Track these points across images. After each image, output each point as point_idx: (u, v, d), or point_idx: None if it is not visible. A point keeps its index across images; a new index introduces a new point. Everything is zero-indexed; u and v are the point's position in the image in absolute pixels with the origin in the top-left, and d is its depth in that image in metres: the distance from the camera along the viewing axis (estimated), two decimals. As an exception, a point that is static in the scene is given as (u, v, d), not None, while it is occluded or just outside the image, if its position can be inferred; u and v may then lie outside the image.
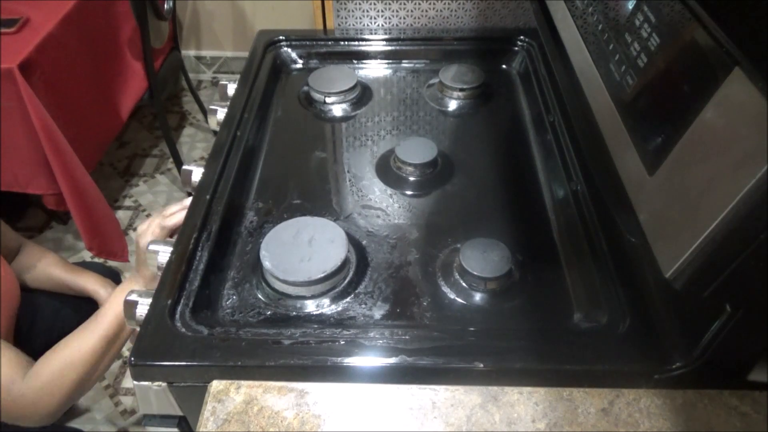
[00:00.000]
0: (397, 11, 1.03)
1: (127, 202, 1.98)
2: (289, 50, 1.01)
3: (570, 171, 0.73)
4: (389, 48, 1.00)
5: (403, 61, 1.01)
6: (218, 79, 2.53)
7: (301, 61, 1.01)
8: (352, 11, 1.03)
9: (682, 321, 0.52)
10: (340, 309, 0.61)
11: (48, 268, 1.03)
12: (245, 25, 2.36)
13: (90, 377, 0.75)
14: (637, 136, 0.47)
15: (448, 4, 1.02)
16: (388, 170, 0.79)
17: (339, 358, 0.53)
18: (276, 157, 0.82)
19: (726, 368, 0.50)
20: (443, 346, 0.54)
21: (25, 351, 0.87)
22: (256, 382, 0.53)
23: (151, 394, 0.56)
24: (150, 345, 0.54)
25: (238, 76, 0.92)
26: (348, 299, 0.61)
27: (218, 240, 0.66)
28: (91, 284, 1.03)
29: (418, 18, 1.04)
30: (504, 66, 1.00)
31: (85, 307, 1.03)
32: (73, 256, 1.77)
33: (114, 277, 1.11)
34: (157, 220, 0.73)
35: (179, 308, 0.58)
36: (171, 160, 2.06)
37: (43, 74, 1.36)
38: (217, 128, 0.82)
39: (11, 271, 0.90)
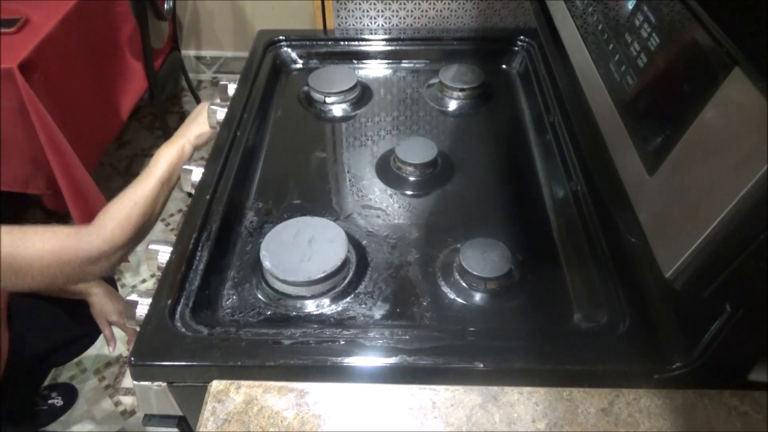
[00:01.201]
0: (397, 11, 1.03)
1: (127, 202, 1.98)
2: (289, 50, 1.01)
3: (570, 171, 0.73)
4: (389, 48, 1.00)
5: (403, 61, 1.01)
6: (218, 79, 2.52)
7: (301, 61, 1.01)
8: (352, 11, 1.03)
9: (682, 321, 0.52)
10: (340, 309, 0.61)
11: None
12: (245, 25, 2.36)
13: (152, 214, 0.79)
14: (637, 136, 0.47)
15: (448, 4, 1.02)
16: (388, 170, 0.79)
17: (339, 358, 0.53)
18: (276, 157, 0.82)
19: (726, 368, 0.50)
20: (443, 346, 0.54)
21: (21, 354, 0.87)
22: (256, 382, 0.53)
23: (151, 394, 0.56)
24: (150, 345, 0.54)
25: (238, 76, 0.92)
26: (348, 299, 0.61)
27: (218, 240, 0.66)
28: (84, 285, 1.02)
29: (418, 18, 1.04)
30: (504, 66, 1.00)
31: (78, 309, 1.03)
32: (73, 256, 1.77)
33: (108, 280, 1.10)
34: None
35: (179, 308, 0.58)
36: (171, 160, 2.05)
37: (43, 74, 1.36)
38: (217, 128, 0.82)
39: None
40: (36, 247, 0.69)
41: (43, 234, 0.72)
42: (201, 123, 0.84)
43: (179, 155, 0.81)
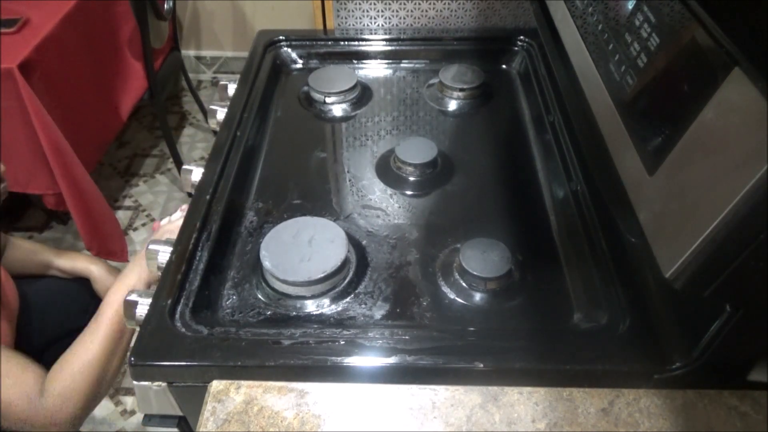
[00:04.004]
0: (397, 11, 1.03)
1: (127, 202, 1.98)
2: (289, 50, 1.01)
3: (570, 171, 0.73)
4: (389, 48, 1.00)
5: (403, 61, 1.01)
6: (218, 79, 2.52)
7: (301, 61, 1.01)
8: (352, 11, 1.03)
9: (682, 321, 0.52)
10: (340, 309, 0.61)
11: (36, 256, 1.05)
12: (245, 25, 2.36)
13: (104, 378, 0.76)
14: (637, 136, 0.47)
15: (448, 4, 1.02)
16: (388, 170, 0.79)
17: (339, 358, 0.53)
18: (276, 157, 0.82)
19: (726, 368, 0.50)
20: (443, 346, 0.54)
21: (24, 339, 0.87)
22: (256, 382, 0.53)
23: (151, 394, 0.56)
24: (150, 345, 0.54)
25: (238, 76, 0.92)
26: (348, 299, 0.61)
27: (218, 240, 0.66)
28: (82, 262, 1.05)
29: (418, 18, 1.04)
30: (504, 66, 1.00)
31: (76, 287, 1.06)
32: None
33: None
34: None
35: (179, 308, 0.58)
36: (171, 160, 2.06)
37: (43, 74, 1.36)
38: (217, 128, 0.82)
39: (9, 277, 0.90)
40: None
41: (9, 377, 0.70)
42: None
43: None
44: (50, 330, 1.04)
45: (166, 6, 1.80)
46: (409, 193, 0.76)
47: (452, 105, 0.92)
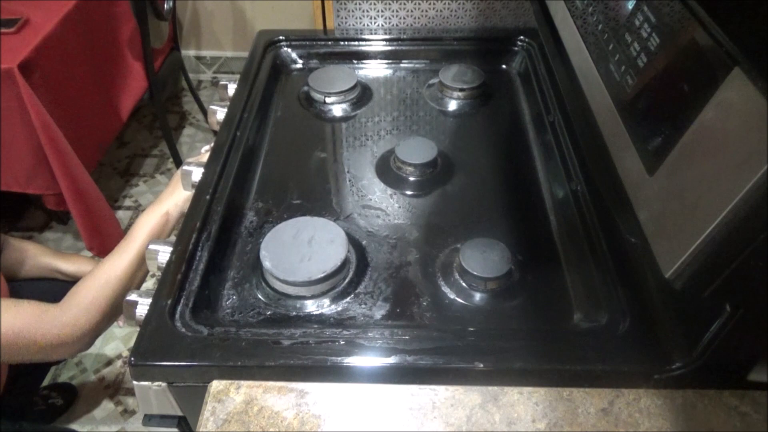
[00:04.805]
0: (397, 11, 1.03)
1: (127, 202, 1.98)
2: (289, 50, 1.01)
3: (570, 171, 0.73)
4: (389, 48, 1.00)
5: (403, 61, 1.01)
6: (218, 79, 2.52)
7: (301, 61, 1.01)
8: (352, 11, 1.03)
9: (682, 321, 0.52)
10: (340, 309, 0.61)
11: (36, 258, 1.04)
12: (245, 25, 2.36)
13: (124, 295, 0.77)
14: (637, 136, 0.47)
15: (448, 4, 1.02)
16: (388, 170, 0.79)
17: (339, 358, 0.53)
18: (276, 157, 0.82)
19: (726, 368, 0.50)
20: (443, 346, 0.54)
21: None
22: (256, 382, 0.53)
23: (151, 394, 0.56)
24: (150, 345, 0.54)
25: (238, 76, 0.92)
26: (348, 299, 0.61)
27: (218, 240, 0.66)
28: (86, 266, 1.04)
29: (418, 18, 1.04)
30: (504, 66, 1.00)
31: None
32: (73, 256, 1.77)
33: None
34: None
35: (179, 308, 0.58)
36: (171, 160, 2.06)
37: (43, 74, 1.36)
38: (217, 128, 0.82)
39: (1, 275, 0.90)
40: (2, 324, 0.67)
41: (8, 311, 0.69)
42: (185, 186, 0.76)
43: (163, 223, 0.76)
44: None
45: (166, 6, 1.80)
46: (409, 193, 0.76)
47: (452, 105, 0.92)
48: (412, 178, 0.77)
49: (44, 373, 1.24)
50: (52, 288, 1.05)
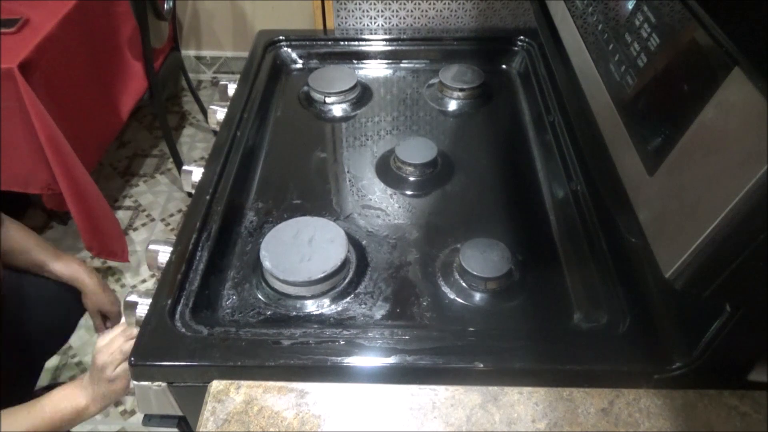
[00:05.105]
0: (397, 11, 1.03)
1: (127, 202, 1.98)
2: (289, 50, 1.01)
3: (570, 171, 0.73)
4: (389, 48, 1.00)
5: (403, 61, 1.01)
6: (218, 79, 2.52)
7: (301, 61, 1.01)
8: (352, 11, 1.03)
9: (682, 321, 0.52)
10: (340, 309, 0.61)
11: (31, 255, 1.01)
12: (245, 25, 2.36)
13: None
14: (637, 136, 0.47)
15: (448, 4, 1.02)
16: (388, 170, 0.79)
17: (339, 358, 0.53)
18: (276, 157, 0.82)
19: (726, 368, 0.50)
20: (443, 346, 0.54)
21: (12, 335, 0.85)
22: (256, 382, 0.53)
23: (151, 394, 0.56)
24: (150, 345, 0.54)
25: (238, 76, 0.92)
26: (348, 299, 0.61)
27: (218, 240, 0.66)
28: (78, 272, 1.01)
29: (418, 18, 1.04)
30: (504, 66, 1.00)
31: (67, 294, 1.03)
32: (73, 256, 1.77)
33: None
34: (120, 341, 0.66)
35: (179, 308, 0.58)
36: (171, 160, 2.06)
37: (43, 74, 1.36)
38: (217, 128, 0.82)
39: None
40: None
41: None
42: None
43: (75, 419, 0.67)
44: (35, 328, 1.03)
45: (166, 6, 1.80)
46: (409, 193, 0.76)
47: (452, 105, 0.92)
48: (412, 178, 0.77)
49: (38, 366, 1.21)
50: (47, 286, 1.04)
